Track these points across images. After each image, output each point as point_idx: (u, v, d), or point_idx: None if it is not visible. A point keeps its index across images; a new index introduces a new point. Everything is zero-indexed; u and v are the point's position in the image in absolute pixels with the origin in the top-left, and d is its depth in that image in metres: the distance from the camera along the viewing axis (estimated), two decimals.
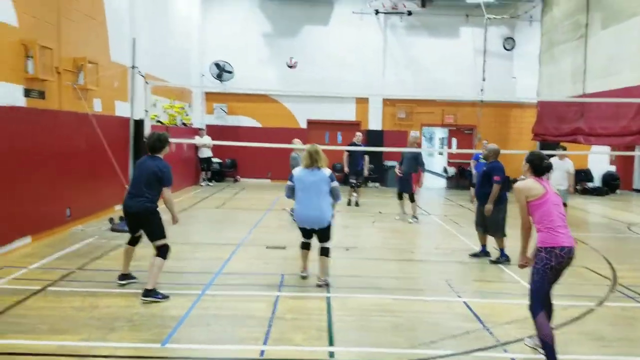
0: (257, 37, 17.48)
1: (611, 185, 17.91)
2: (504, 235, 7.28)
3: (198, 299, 5.37)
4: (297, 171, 5.99)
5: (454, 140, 18.80)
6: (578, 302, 5.56)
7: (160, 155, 5.57)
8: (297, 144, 9.72)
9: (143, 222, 5.46)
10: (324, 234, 5.99)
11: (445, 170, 18.50)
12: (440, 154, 21.53)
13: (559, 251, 3.95)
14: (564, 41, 13.82)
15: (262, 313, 5.02)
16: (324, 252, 6.03)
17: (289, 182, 6.06)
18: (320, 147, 6.02)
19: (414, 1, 16.69)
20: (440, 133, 22.86)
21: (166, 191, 5.45)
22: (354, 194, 12.32)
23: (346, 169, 12.14)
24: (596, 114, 11.96)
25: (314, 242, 6.12)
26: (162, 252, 5.39)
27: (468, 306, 5.44)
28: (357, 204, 12.26)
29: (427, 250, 8.16)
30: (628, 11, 10.92)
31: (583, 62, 12.76)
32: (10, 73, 6.90)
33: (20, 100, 7.13)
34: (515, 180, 4.71)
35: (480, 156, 13.73)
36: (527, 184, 4.20)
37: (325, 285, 5.89)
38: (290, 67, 16.30)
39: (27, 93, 7.30)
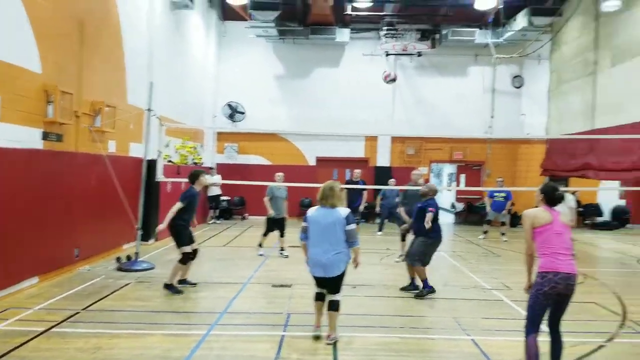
0: (270, 78, 17.94)
1: (621, 219, 17.71)
2: (423, 265, 7.44)
3: (202, 339, 5.34)
4: (312, 211, 5.38)
5: (462, 176, 18.80)
6: (588, 339, 5.46)
7: (195, 186, 7.49)
8: (278, 178, 10.41)
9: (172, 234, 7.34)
10: (334, 284, 5.28)
11: (453, 206, 18.41)
12: (449, 190, 21.55)
13: (553, 276, 4.06)
14: (574, 78, 14.03)
15: (266, 353, 4.98)
16: (333, 306, 5.33)
17: (303, 223, 5.45)
18: (338, 185, 5.43)
19: (423, 42, 17.04)
20: (449, 169, 22.90)
21: (176, 204, 7.26)
22: None
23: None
24: (606, 149, 11.94)
25: None
26: (182, 259, 7.29)
27: (477, 344, 5.35)
28: None
29: (435, 287, 8.04)
30: (635, 49, 11.10)
31: (592, 99, 12.86)
32: (30, 117, 7.15)
33: (38, 143, 7.36)
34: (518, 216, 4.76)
35: (495, 194, 13.80)
36: (535, 211, 4.34)
37: (333, 344, 5.25)
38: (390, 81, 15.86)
39: (45, 136, 7.53)
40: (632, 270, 10.06)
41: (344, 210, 5.29)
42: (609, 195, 17.65)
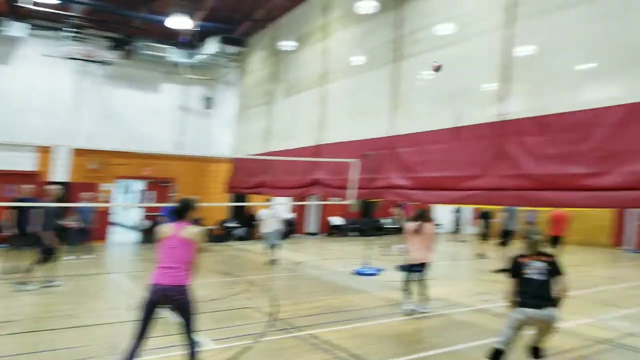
0: None
1: (289, 230, 20.32)
2: None
3: None
4: None
5: (154, 193, 18.42)
6: (238, 342, 5.88)
7: None
8: None
9: None
10: None
11: (138, 224, 17.62)
12: (139, 207, 20.72)
13: (152, 287, 4.35)
14: (255, 105, 15.52)
15: None
16: None
17: None
18: None
19: (113, 52, 16.07)
20: (139, 185, 22.13)
21: None
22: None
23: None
24: (278, 169, 13.60)
25: None
26: None
27: None
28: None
29: (100, 313, 7.37)
30: (300, 86, 13.04)
31: (268, 124, 14.48)
32: None
33: None
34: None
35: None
36: (162, 226, 4.66)
37: None
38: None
39: None
40: (294, 274, 11.63)
41: None
42: (280, 209, 19.90)
